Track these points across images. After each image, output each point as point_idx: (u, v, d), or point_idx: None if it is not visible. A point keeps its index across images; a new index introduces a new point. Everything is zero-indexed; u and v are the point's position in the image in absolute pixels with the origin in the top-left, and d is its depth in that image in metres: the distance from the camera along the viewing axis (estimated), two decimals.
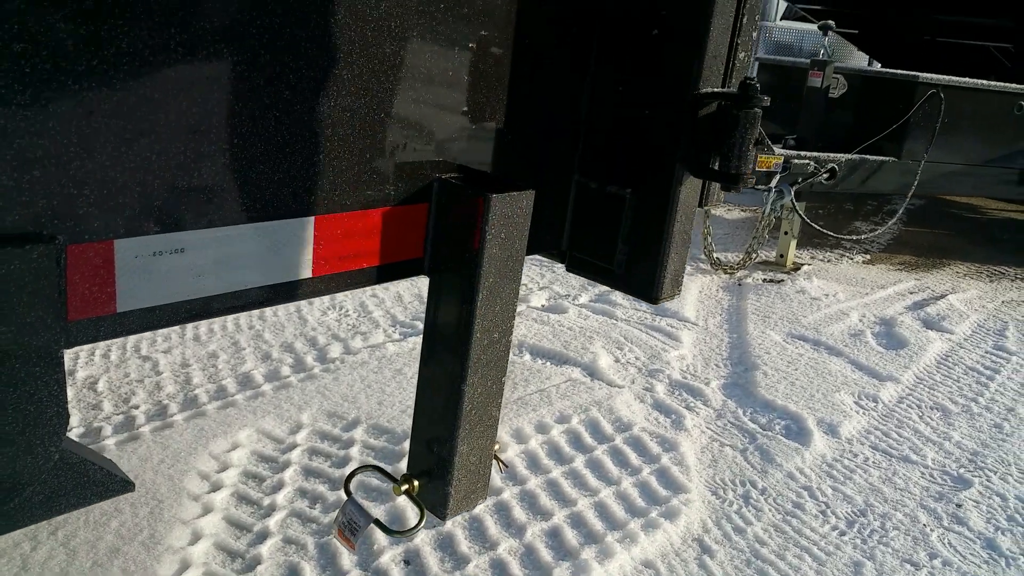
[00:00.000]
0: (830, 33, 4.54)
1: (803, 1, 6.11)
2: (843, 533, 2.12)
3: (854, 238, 4.77)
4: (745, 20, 1.11)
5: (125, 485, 0.90)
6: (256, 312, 3.01)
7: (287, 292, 0.94)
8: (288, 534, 1.87)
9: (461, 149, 1.10)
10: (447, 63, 1.03)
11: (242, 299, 0.90)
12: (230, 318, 2.94)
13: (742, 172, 1.08)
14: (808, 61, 4.40)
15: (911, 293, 4.17)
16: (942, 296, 4.14)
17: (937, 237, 5.62)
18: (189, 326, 2.89)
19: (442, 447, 1.13)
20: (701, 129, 1.10)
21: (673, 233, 1.17)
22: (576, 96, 1.20)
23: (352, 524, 1.12)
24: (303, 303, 3.12)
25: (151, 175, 0.79)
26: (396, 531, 1.30)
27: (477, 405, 1.12)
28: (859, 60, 8.87)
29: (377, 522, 1.11)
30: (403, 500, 1.95)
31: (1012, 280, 4.68)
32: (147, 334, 2.60)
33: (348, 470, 2.11)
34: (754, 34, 1.15)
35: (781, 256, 4.40)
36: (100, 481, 0.86)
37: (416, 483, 1.16)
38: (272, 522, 1.90)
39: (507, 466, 2.09)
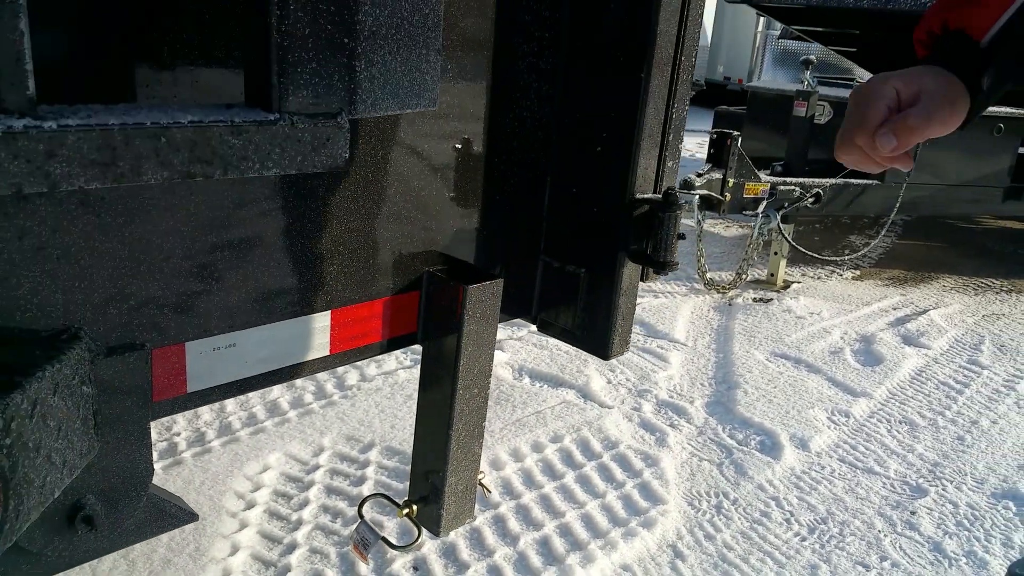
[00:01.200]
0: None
1: (798, 24, 6.35)
2: (804, 539, 2.39)
3: (838, 259, 5.01)
4: (671, 138, 1.39)
5: (191, 516, 1.20)
6: None
7: (310, 368, 1.24)
8: (314, 545, 2.17)
9: (447, 243, 1.39)
10: (433, 174, 1.32)
11: (276, 376, 1.20)
12: None
13: (668, 260, 1.37)
14: (794, 90, 4.65)
15: (894, 309, 4.41)
16: (924, 312, 4.38)
17: (929, 250, 5.85)
18: None
19: (435, 478, 1.42)
20: (636, 225, 1.38)
21: (619, 304, 1.45)
22: (540, 194, 1.49)
23: (364, 540, 1.41)
24: None
25: (211, 295, 1.08)
26: (399, 546, 1.59)
27: (462, 444, 1.41)
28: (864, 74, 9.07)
29: (384, 539, 1.40)
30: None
31: (997, 293, 4.90)
32: None
33: (364, 489, 2.41)
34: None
35: (772, 275, 4.66)
36: (174, 514, 1.16)
37: (415, 507, 1.45)
38: (299, 535, 2.20)
39: (490, 491, 2.37)
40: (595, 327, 1.49)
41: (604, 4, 1.33)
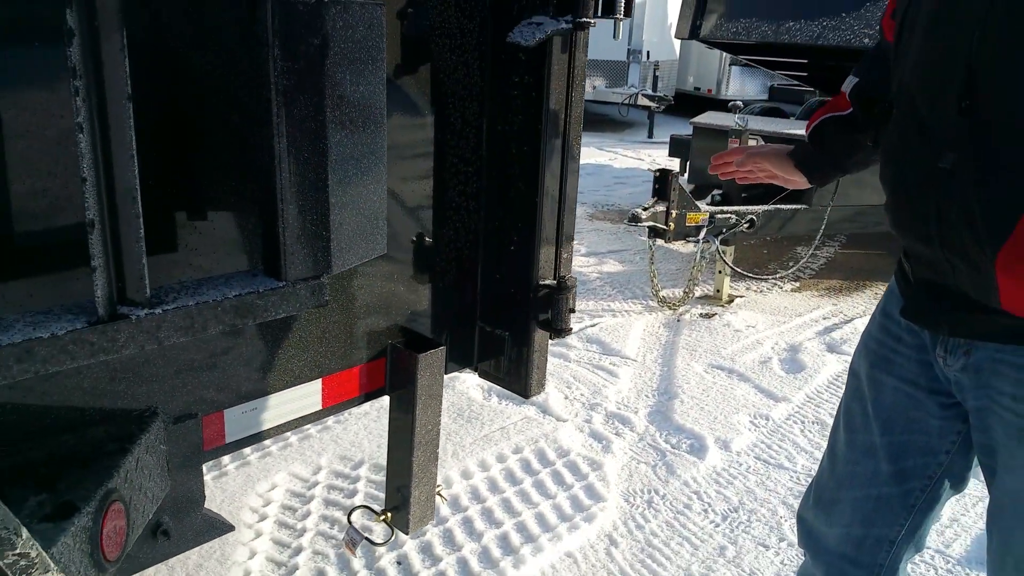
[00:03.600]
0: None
1: (747, 55, 6.91)
2: (717, 525, 2.91)
3: (771, 277, 5.55)
4: (564, 238, 1.92)
5: (230, 527, 1.72)
6: None
7: (308, 419, 1.76)
8: (316, 548, 2.68)
9: (406, 320, 1.91)
10: (394, 271, 1.84)
11: (285, 427, 1.72)
12: None
13: (563, 328, 1.89)
14: (733, 122, 5.19)
15: (824, 319, 4.95)
16: (850, 320, 4.92)
17: (868, 258, 6.39)
18: None
19: (404, 491, 1.95)
20: (540, 302, 1.91)
21: (533, 358, 1.98)
22: (474, 278, 2.01)
23: (352, 540, 1.93)
24: None
25: (239, 377, 1.61)
26: (377, 543, 2.11)
27: (421, 467, 1.93)
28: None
29: (366, 538, 1.92)
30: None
31: None
32: None
33: (356, 499, 2.93)
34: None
35: (718, 291, 5.19)
36: (218, 526, 1.68)
37: (389, 514, 1.97)
38: (304, 540, 2.72)
39: (446, 499, 2.89)
40: (518, 374, 2.01)
41: (507, 149, 1.85)
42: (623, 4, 1.81)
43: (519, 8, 1.71)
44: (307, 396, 1.75)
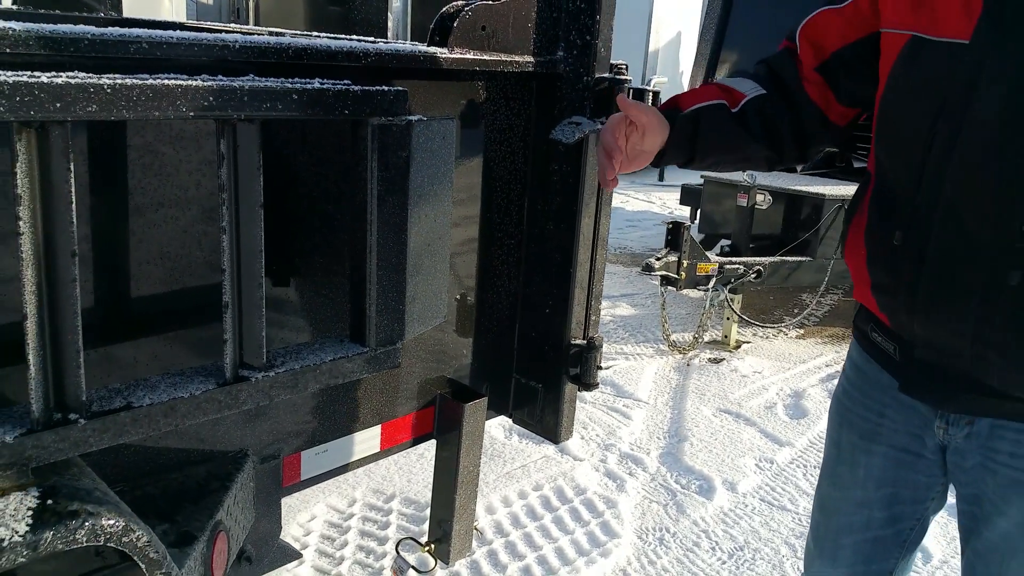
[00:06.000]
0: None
1: None
2: (724, 563, 3.13)
3: (777, 326, 5.79)
4: (593, 303, 2.17)
5: (298, 554, 1.96)
6: None
7: (368, 460, 2.01)
8: (354, 575, 2.91)
9: (453, 372, 2.16)
10: (445, 329, 2.09)
11: (349, 466, 1.96)
12: None
13: (591, 383, 2.14)
14: (742, 178, 5.47)
15: (827, 366, 5.18)
16: None
17: None
18: None
19: (445, 525, 2.19)
20: (571, 358, 2.16)
21: (563, 407, 2.22)
22: (512, 336, 2.27)
23: (400, 567, 2.17)
24: None
25: (313, 424, 1.86)
26: (423, 572, 2.34)
27: (463, 503, 2.17)
28: None
29: (413, 568, 2.16)
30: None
31: None
32: None
33: (390, 531, 3.16)
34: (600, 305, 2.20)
35: (726, 336, 5.43)
36: (290, 553, 1.92)
37: (433, 546, 2.21)
38: (343, 568, 2.94)
39: (483, 533, 3.12)
40: (549, 422, 2.26)
41: (545, 225, 2.12)
42: (651, 98, 2.09)
43: (560, 110, 1.99)
44: (368, 440, 2.00)
